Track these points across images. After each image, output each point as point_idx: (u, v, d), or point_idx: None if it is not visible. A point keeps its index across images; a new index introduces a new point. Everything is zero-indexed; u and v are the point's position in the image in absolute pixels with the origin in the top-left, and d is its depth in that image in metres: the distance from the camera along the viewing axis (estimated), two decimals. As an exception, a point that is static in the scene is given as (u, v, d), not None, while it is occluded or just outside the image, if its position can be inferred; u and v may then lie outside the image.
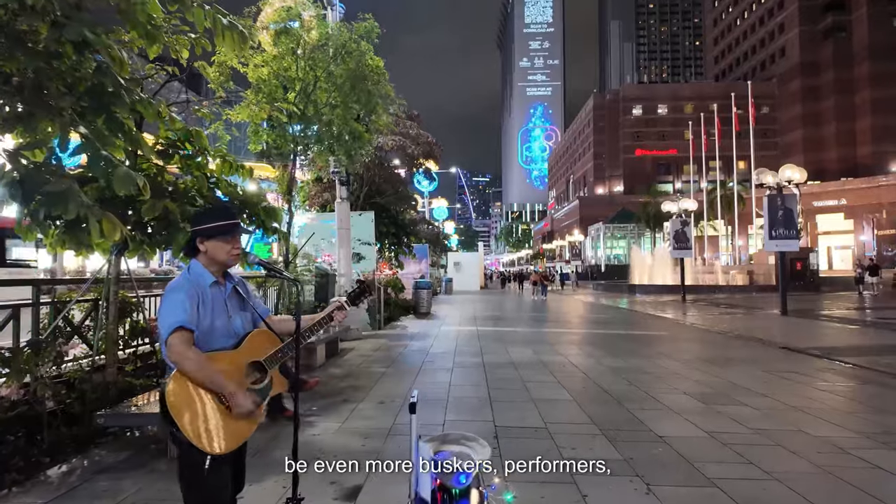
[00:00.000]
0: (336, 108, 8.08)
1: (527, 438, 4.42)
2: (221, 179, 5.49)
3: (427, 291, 16.99)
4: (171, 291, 2.06)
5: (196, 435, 1.95)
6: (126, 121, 3.80)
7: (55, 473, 3.64)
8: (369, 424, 4.78)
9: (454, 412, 5.20)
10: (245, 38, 3.65)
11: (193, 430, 1.95)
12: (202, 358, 1.99)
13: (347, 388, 6.20)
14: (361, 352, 9.00)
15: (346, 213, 10.76)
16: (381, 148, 13.33)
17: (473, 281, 39.70)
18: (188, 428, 1.95)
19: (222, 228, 2.15)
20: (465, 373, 7.20)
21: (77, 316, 5.36)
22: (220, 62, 7.77)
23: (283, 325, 2.33)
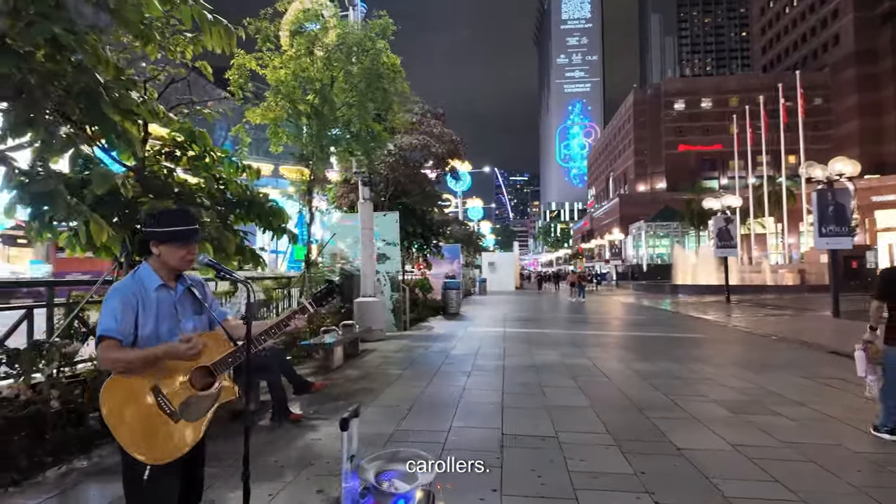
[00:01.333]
0: (353, 108, 8.02)
1: (533, 448, 4.18)
2: (231, 180, 5.48)
3: (456, 292, 16.81)
4: (107, 298, 1.96)
5: (132, 444, 1.85)
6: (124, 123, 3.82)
7: (53, 474, 3.65)
8: (371, 430, 4.63)
9: (462, 418, 5.00)
10: (231, 34, 3.59)
11: (130, 440, 1.85)
12: (131, 353, 1.90)
13: (359, 391, 6.09)
14: (382, 353, 8.90)
15: (368, 213, 10.70)
16: (405, 148, 13.25)
17: (508, 281, 39.27)
18: (124, 438, 1.84)
19: (177, 234, 2.05)
20: (483, 376, 6.98)
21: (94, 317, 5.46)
22: (238, 64, 7.85)
23: (241, 330, 2.20)
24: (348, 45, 8.17)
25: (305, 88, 8.13)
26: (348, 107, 8.09)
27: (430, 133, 14.04)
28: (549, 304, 24.02)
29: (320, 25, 8.55)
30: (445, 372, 7.29)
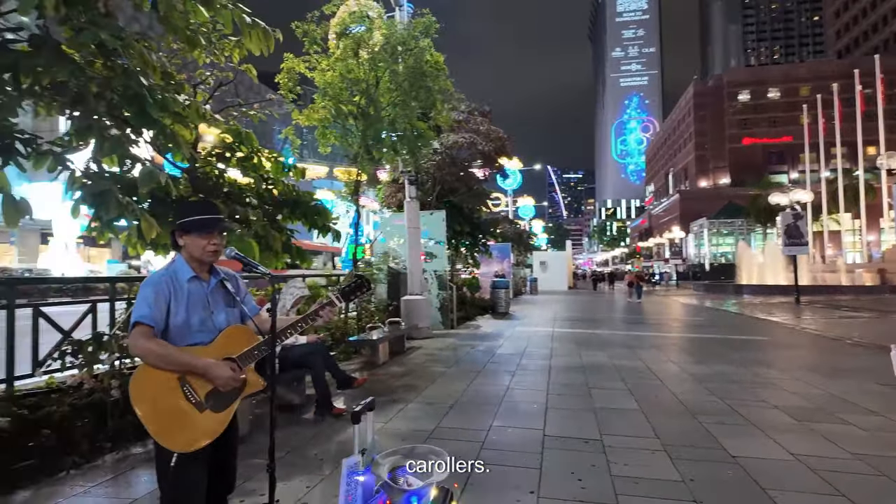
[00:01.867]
0: (397, 107, 8.08)
1: (575, 451, 4.04)
2: (278, 180, 5.64)
3: (505, 291, 16.65)
4: (141, 287, 2.03)
5: (158, 432, 1.90)
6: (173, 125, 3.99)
7: (111, 459, 3.86)
8: (411, 426, 4.64)
9: (503, 418, 4.91)
10: (269, 36, 3.68)
11: (155, 426, 1.91)
12: (165, 347, 1.94)
13: (401, 388, 6.12)
14: (427, 350, 8.93)
15: (414, 212, 10.77)
16: (451, 146, 13.24)
17: (560, 281, 38.55)
18: (150, 424, 1.90)
19: (198, 223, 2.10)
20: (528, 376, 6.85)
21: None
22: (288, 68, 8.08)
23: (268, 324, 2.23)
24: (392, 45, 8.24)
25: (352, 90, 8.27)
26: (393, 106, 8.16)
27: (476, 130, 13.97)
28: (602, 304, 23.38)
29: (366, 27, 8.67)
30: (490, 371, 7.22)
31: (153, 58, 3.48)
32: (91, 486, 3.38)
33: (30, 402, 4.03)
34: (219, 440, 2.05)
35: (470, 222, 15.37)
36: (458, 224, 14.40)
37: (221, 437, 2.06)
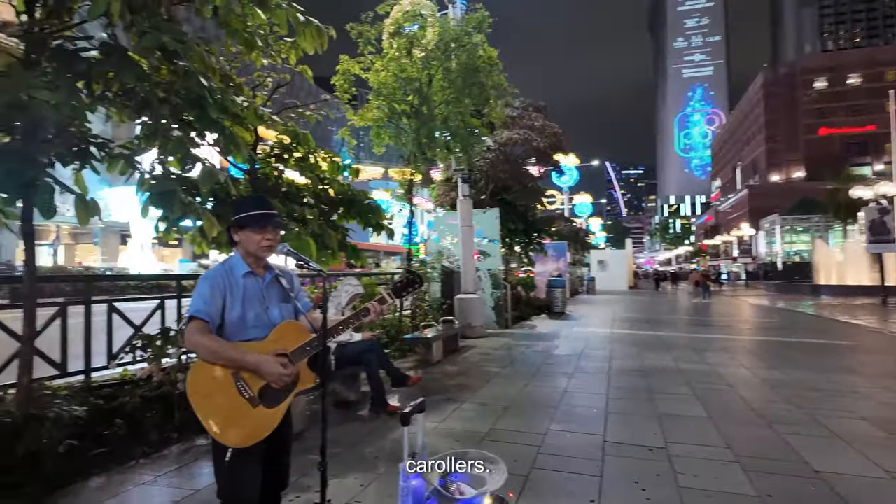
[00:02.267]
0: (450, 105, 8.03)
1: (639, 459, 3.82)
2: (334, 180, 5.71)
3: (561, 290, 16.27)
4: (199, 282, 2.06)
5: (212, 426, 1.92)
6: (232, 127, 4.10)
7: (177, 450, 4.01)
8: (465, 427, 4.56)
9: (561, 422, 4.74)
10: (322, 33, 3.71)
11: (210, 421, 1.92)
12: (217, 342, 1.95)
13: (455, 387, 6.05)
14: (481, 350, 8.83)
15: (467, 210, 10.69)
16: (505, 143, 13.05)
17: (620, 280, 37.35)
18: (205, 419, 1.92)
19: (252, 218, 2.10)
20: (586, 378, 6.61)
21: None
22: (343, 70, 8.21)
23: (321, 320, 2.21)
24: (445, 42, 8.20)
25: (405, 89, 8.29)
26: (446, 104, 8.12)
27: (530, 127, 13.71)
28: (665, 305, 22.44)
29: (420, 25, 8.68)
30: (546, 372, 7.03)
31: (212, 61, 3.58)
32: (158, 475, 3.51)
33: (105, 393, 4.26)
34: (272, 436, 2.04)
35: (524, 220, 15.13)
36: (513, 222, 14.19)
37: (275, 434, 2.05)
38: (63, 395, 3.73)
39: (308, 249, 4.49)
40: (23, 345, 3.47)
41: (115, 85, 3.47)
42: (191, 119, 3.66)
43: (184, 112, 3.61)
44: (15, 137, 3.01)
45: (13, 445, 3.12)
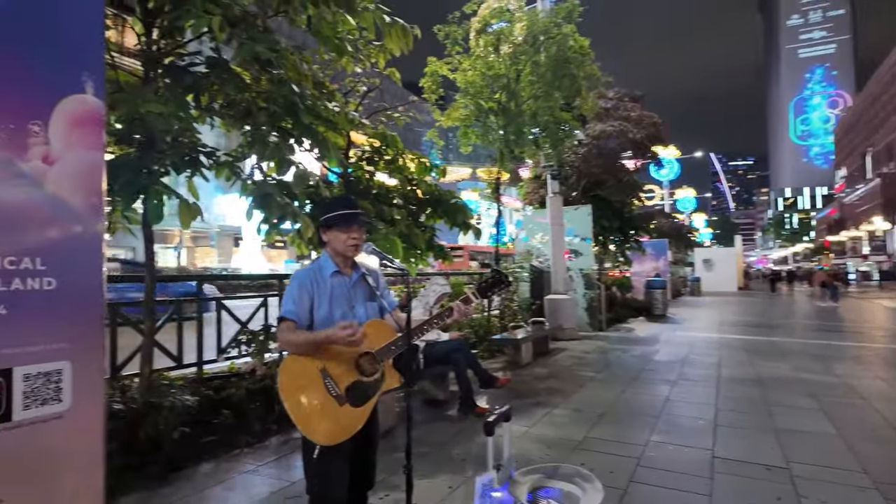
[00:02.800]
0: (539, 99, 7.80)
1: (754, 478, 3.42)
2: (421, 180, 5.75)
3: (661, 291, 15.32)
4: (289, 283, 2.12)
5: (301, 423, 1.95)
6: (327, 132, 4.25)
7: (276, 441, 4.21)
8: (558, 434, 4.36)
9: (663, 433, 4.39)
10: (407, 32, 3.72)
11: (299, 418, 1.95)
12: (302, 335, 2.00)
13: (546, 391, 5.84)
14: (573, 353, 8.49)
15: (557, 207, 10.34)
16: (598, 136, 12.48)
17: (728, 280, 34.51)
18: (294, 415, 1.95)
19: (339, 218, 2.13)
20: (691, 387, 6.11)
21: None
22: (431, 71, 8.27)
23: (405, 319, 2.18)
24: (534, 35, 7.98)
25: (492, 87, 8.18)
26: (535, 99, 7.89)
27: (626, 118, 12.99)
28: (782, 307, 20.40)
29: (507, 21, 8.52)
30: (645, 379, 6.59)
31: (305, 68, 3.71)
32: (259, 464, 3.70)
33: (214, 384, 4.58)
34: (358, 435, 2.04)
35: (620, 217, 14.41)
36: (607, 219, 13.56)
37: (361, 433, 2.05)
38: (178, 386, 4.06)
39: (395, 249, 4.54)
40: (144, 338, 3.82)
41: (219, 96, 3.72)
42: (287, 126, 3.83)
43: (282, 120, 3.79)
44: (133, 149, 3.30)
45: (136, 429, 3.43)
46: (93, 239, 2.18)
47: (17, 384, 1.92)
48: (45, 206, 2.03)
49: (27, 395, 1.95)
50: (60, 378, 2.06)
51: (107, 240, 2.38)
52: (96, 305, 2.18)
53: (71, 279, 2.08)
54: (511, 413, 1.73)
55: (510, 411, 1.71)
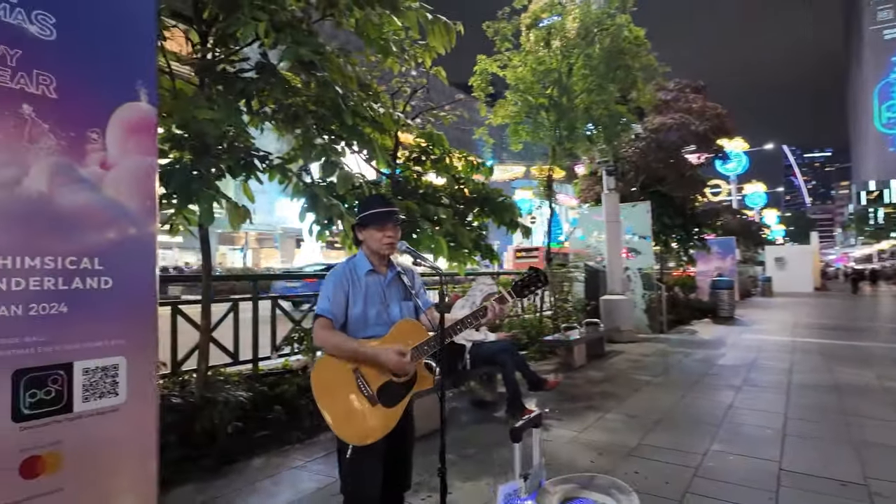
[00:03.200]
0: (591, 93, 7.55)
1: (827, 495, 3.15)
2: (469, 179, 5.71)
3: (728, 292, 14.49)
4: (325, 280, 2.13)
5: (333, 422, 1.95)
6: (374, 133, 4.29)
7: (324, 438, 4.28)
8: (609, 439, 4.19)
9: (724, 442, 4.13)
10: (449, 28, 3.70)
11: (332, 416, 1.96)
12: (339, 337, 2.00)
13: (599, 395, 5.64)
14: (630, 356, 8.17)
15: (614, 204, 9.99)
16: (657, 129, 11.95)
17: (803, 280, 32.24)
18: (327, 414, 1.96)
19: (373, 217, 2.12)
20: (758, 393, 5.72)
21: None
22: (480, 70, 8.20)
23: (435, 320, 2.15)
24: (586, 27, 7.74)
25: (544, 82, 8.01)
26: (587, 93, 7.66)
27: (687, 110, 12.36)
28: (865, 309, 18.84)
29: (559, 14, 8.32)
30: (707, 384, 6.24)
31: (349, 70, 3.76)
32: (308, 460, 3.78)
33: (269, 381, 4.73)
34: (393, 436, 2.03)
35: (682, 214, 13.76)
36: (668, 216, 12.98)
37: (396, 434, 2.04)
38: (232, 381, 4.21)
39: (440, 248, 4.52)
40: (201, 335, 3.99)
41: (270, 101, 3.83)
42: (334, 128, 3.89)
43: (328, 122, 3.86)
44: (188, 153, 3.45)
45: (193, 423, 3.59)
46: (147, 240, 2.27)
47: (77, 378, 2.02)
48: (103, 209, 2.14)
49: (86, 388, 2.05)
50: (117, 373, 2.16)
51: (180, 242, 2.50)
52: (149, 304, 2.28)
53: (126, 278, 2.18)
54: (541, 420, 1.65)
55: (540, 417, 1.64)
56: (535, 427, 1.63)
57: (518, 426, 1.59)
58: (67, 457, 1.98)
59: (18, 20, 1.96)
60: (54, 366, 1.99)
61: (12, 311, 1.88)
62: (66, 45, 2.06)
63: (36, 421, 1.91)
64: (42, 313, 1.95)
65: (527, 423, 1.59)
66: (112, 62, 2.21)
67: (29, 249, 1.92)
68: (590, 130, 8.16)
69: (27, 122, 1.97)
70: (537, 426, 1.64)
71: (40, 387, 1.94)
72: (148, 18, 2.41)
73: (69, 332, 2.01)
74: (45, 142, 2.02)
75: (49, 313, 1.97)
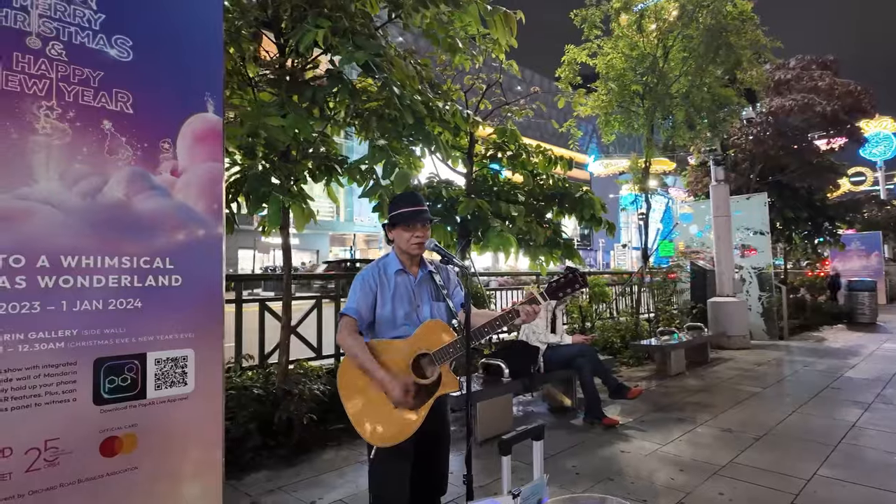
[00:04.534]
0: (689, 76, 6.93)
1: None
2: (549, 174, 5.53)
3: (869, 294, 12.62)
4: (354, 279, 2.13)
5: (357, 421, 1.95)
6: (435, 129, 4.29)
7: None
8: (695, 455, 3.81)
9: (836, 466, 3.57)
10: (509, 17, 3.61)
11: (355, 416, 1.95)
12: (358, 347, 1.98)
13: (693, 405, 5.16)
14: (738, 364, 7.39)
15: (723, 197, 9.08)
16: (774, 112, 10.67)
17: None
18: (351, 413, 1.96)
19: (401, 216, 2.10)
20: (891, 413, 4.90)
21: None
22: (569, 60, 7.89)
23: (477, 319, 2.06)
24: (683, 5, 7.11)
25: (636, 69, 7.50)
26: (685, 76, 7.03)
27: (812, 88, 10.90)
28: None
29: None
30: (827, 398, 5.46)
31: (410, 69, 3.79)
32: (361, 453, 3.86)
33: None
34: (425, 439, 1.99)
35: (810, 206, 12.21)
36: (791, 209, 11.57)
37: (427, 438, 2.00)
38: (313, 375, 4.41)
39: (508, 247, 4.40)
40: (282, 330, 4.24)
41: (341, 106, 3.97)
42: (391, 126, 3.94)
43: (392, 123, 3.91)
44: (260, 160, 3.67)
45: (273, 413, 3.82)
46: (214, 241, 2.44)
47: (150, 367, 2.22)
48: (174, 213, 2.33)
49: (158, 377, 2.25)
50: (186, 364, 2.34)
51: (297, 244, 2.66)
52: (216, 300, 2.45)
53: (195, 277, 2.35)
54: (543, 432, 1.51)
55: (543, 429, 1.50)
56: (536, 440, 1.50)
57: (508, 437, 1.47)
58: (142, 439, 2.17)
59: (100, 45, 2.19)
60: (130, 356, 2.20)
61: (94, 306, 2.10)
62: (142, 65, 2.27)
63: (114, 405, 2.12)
64: (119, 308, 2.16)
65: (521, 434, 1.46)
66: (182, 77, 2.40)
67: (108, 250, 2.13)
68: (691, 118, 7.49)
69: (107, 136, 2.20)
70: (538, 438, 1.51)
71: (118, 374, 2.15)
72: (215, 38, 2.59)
73: (143, 325, 2.20)
74: (123, 153, 2.23)
75: (125, 308, 2.17)
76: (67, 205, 2.00)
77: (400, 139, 4.32)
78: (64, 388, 2.03)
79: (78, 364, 2.06)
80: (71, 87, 2.14)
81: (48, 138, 1.98)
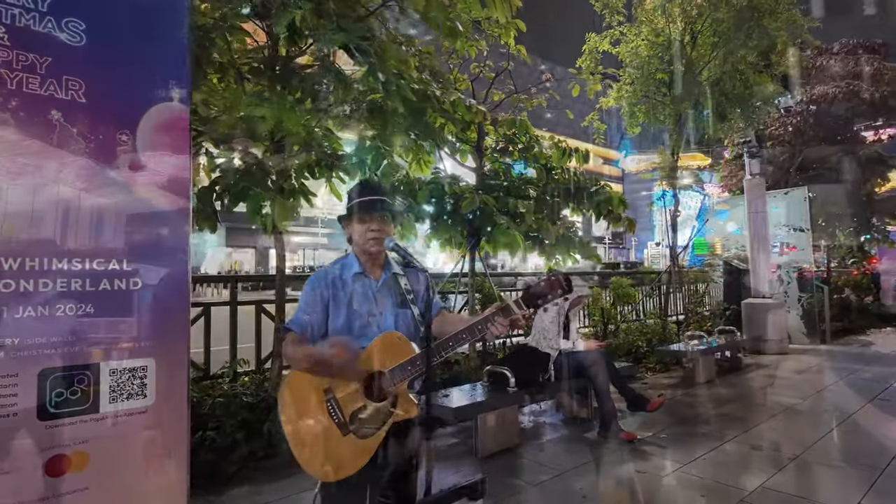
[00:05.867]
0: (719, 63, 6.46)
1: None
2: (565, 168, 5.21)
3: (922, 295, 11.77)
4: (305, 285, 1.86)
5: (297, 452, 1.65)
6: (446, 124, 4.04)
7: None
8: (720, 477, 3.42)
9: (883, 494, 3.14)
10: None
11: (295, 444, 1.66)
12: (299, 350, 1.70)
13: (720, 418, 4.74)
14: (774, 371, 6.85)
15: (758, 192, 8.50)
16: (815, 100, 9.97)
17: None
18: (291, 441, 1.67)
19: (356, 207, 1.81)
20: (952, 430, 4.39)
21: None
22: (590, 49, 7.52)
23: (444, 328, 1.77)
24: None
25: (662, 57, 7.06)
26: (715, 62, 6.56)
27: (856, 74, 10.14)
28: None
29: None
30: (874, 413, 4.95)
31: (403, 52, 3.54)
32: (370, 468, 3.63)
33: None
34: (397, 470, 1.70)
35: (856, 201, 11.44)
36: (834, 204, 10.86)
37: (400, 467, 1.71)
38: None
39: (515, 245, 4.11)
40: (276, 333, 4.05)
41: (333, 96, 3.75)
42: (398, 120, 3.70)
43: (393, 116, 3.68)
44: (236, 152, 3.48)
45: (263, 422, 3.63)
46: (179, 240, 2.23)
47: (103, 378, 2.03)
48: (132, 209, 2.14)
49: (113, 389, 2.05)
50: (145, 374, 2.15)
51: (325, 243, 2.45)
52: (181, 305, 2.24)
53: (156, 279, 2.15)
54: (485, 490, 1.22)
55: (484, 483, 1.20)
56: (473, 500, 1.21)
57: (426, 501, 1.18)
58: (94, 457, 1.98)
59: (48, 28, 2.00)
60: (80, 366, 2.00)
61: (38, 312, 1.91)
62: (96, 50, 2.08)
63: (62, 419, 1.93)
64: (69, 314, 1.97)
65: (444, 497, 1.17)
66: (142, 64, 2.20)
67: (56, 251, 1.95)
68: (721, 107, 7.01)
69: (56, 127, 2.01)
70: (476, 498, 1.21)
71: (66, 387, 1.96)
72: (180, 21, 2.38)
73: (95, 333, 2.01)
74: (73, 145, 2.04)
75: (75, 314, 1.98)
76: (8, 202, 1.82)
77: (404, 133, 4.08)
78: (3, 402, 1.85)
79: (20, 376, 1.88)
80: (14, 74, 1.95)
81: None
